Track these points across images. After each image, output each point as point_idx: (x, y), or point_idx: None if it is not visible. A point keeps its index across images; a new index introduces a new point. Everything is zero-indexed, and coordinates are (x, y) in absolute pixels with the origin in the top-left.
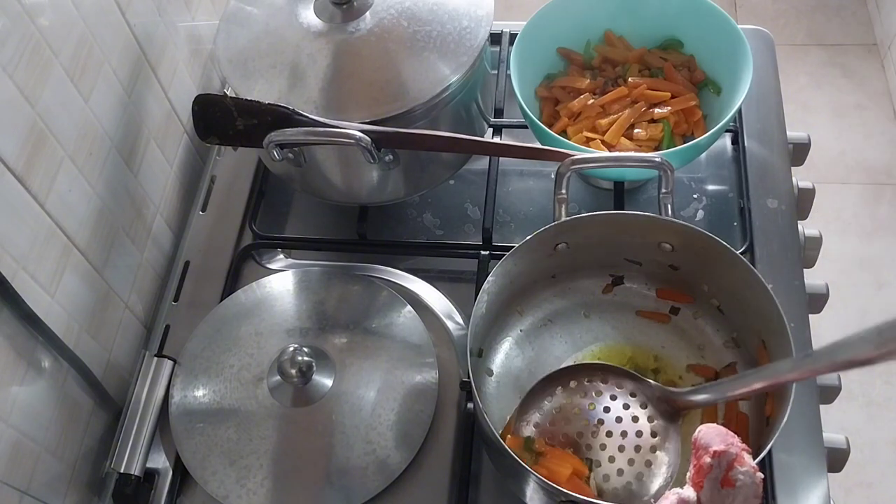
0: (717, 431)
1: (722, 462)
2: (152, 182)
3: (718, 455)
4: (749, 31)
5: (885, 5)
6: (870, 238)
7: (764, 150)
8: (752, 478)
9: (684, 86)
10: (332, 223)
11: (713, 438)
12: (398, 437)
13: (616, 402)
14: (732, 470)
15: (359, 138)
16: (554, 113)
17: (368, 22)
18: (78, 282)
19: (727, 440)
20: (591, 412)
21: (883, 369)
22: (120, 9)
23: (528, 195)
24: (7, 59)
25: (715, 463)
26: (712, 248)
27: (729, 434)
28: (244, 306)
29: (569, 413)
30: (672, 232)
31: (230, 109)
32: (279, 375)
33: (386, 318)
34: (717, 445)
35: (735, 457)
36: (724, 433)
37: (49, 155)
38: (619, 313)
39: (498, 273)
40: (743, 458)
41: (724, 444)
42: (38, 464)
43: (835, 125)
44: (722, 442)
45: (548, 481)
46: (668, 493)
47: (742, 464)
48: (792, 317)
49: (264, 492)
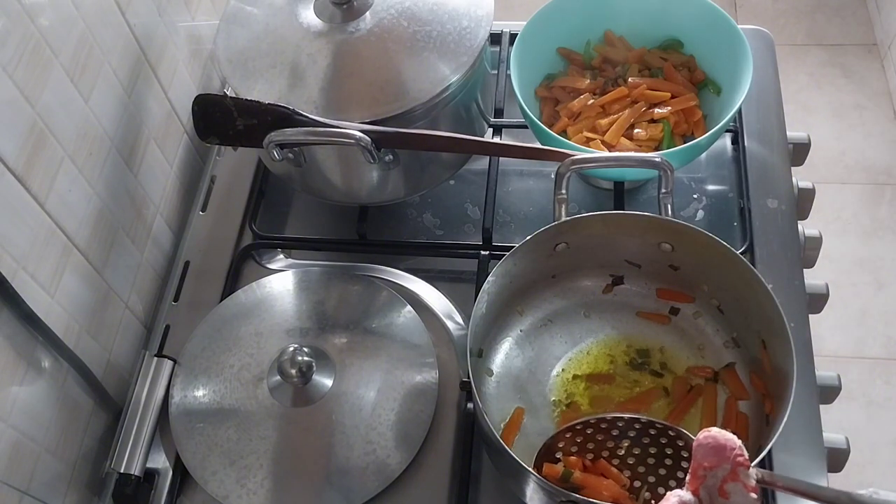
0: (714, 444)
1: (717, 474)
2: (152, 182)
3: (710, 469)
4: (749, 31)
5: (885, 5)
6: (870, 238)
7: (764, 150)
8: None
9: (684, 86)
10: (332, 223)
11: (706, 453)
12: (398, 437)
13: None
14: (727, 484)
15: (359, 138)
16: (554, 113)
17: (368, 22)
18: (78, 282)
19: (723, 454)
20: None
21: (883, 369)
22: (120, 9)
23: (528, 195)
24: (7, 59)
25: (710, 474)
26: (712, 248)
27: (727, 446)
28: (244, 306)
29: (593, 440)
30: (672, 232)
31: (230, 109)
32: (279, 375)
33: (386, 318)
34: (709, 461)
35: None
36: (722, 445)
37: (49, 155)
38: (619, 313)
39: (498, 273)
40: (737, 475)
41: (716, 459)
42: (38, 464)
43: (835, 125)
44: (715, 456)
45: (548, 481)
46: (670, 494)
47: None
48: (792, 317)
49: (264, 492)
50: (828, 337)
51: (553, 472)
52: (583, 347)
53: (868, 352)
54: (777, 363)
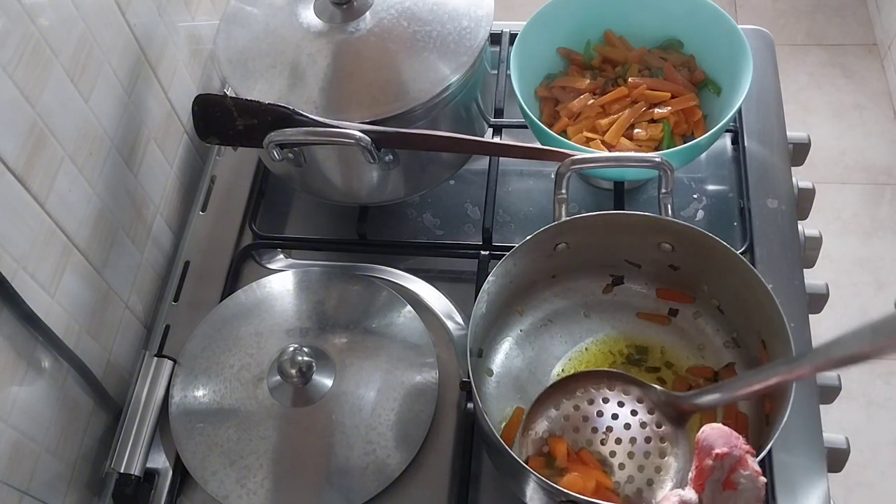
0: (721, 433)
1: (724, 464)
2: (152, 182)
3: (721, 458)
4: (749, 31)
5: (885, 5)
6: (870, 238)
7: (764, 150)
8: (755, 482)
9: (684, 86)
10: (332, 223)
11: (716, 440)
12: (398, 437)
13: (624, 408)
14: (735, 473)
15: (359, 138)
16: (554, 113)
17: (368, 22)
18: (78, 282)
19: (731, 442)
20: (600, 419)
21: (883, 369)
22: (120, 9)
23: (528, 195)
24: (7, 59)
25: (717, 465)
26: (712, 248)
27: (733, 435)
28: (244, 306)
29: (577, 421)
30: (672, 232)
31: (230, 109)
32: (279, 375)
33: (386, 318)
34: (720, 448)
35: (738, 460)
36: (728, 434)
37: (49, 155)
38: (619, 313)
39: (498, 273)
40: (746, 462)
41: (727, 447)
42: (38, 464)
43: (835, 125)
44: (725, 444)
45: (548, 481)
46: (670, 494)
47: (745, 467)
48: (792, 317)
49: (264, 492)
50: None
51: (538, 462)
52: (583, 347)
53: None
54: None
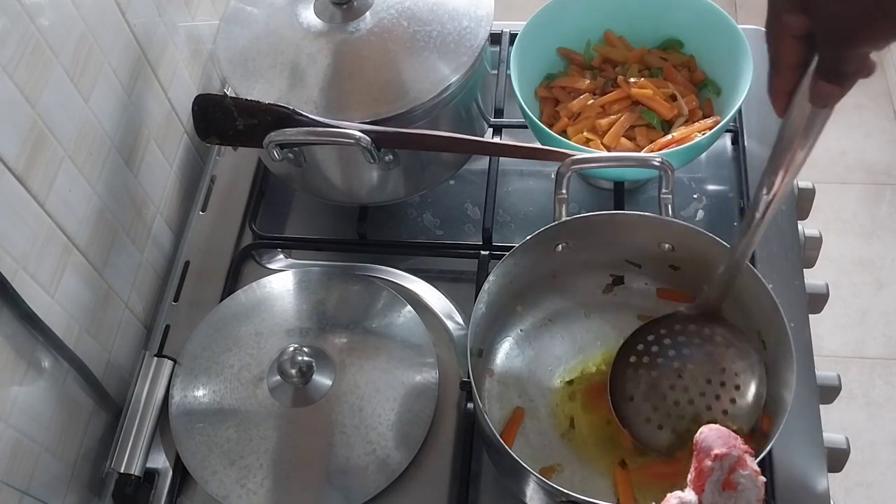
0: (720, 433)
1: (724, 465)
2: (152, 182)
3: (720, 458)
4: (749, 31)
5: None
6: (870, 238)
7: (764, 150)
8: (754, 482)
9: (684, 86)
10: (332, 223)
11: (715, 441)
12: (398, 437)
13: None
14: (734, 473)
15: (359, 138)
16: (554, 113)
17: (368, 22)
18: (78, 282)
19: (729, 442)
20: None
21: (883, 369)
22: (120, 9)
23: (528, 195)
24: (7, 59)
25: (717, 466)
26: (712, 248)
27: (731, 436)
28: (244, 306)
29: (656, 381)
30: (672, 232)
31: (230, 109)
32: (279, 375)
33: (386, 318)
34: (719, 448)
35: (737, 460)
36: (727, 435)
37: (49, 155)
38: (619, 313)
39: (498, 273)
40: (745, 462)
41: (725, 447)
42: (38, 464)
43: (835, 125)
44: (724, 444)
45: (548, 481)
46: (669, 496)
47: (744, 467)
48: (792, 317)
49: (264, 492)
50: (828, 337)
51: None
52: (583, 347)
53: (868, 352)
54: (777, 363)
